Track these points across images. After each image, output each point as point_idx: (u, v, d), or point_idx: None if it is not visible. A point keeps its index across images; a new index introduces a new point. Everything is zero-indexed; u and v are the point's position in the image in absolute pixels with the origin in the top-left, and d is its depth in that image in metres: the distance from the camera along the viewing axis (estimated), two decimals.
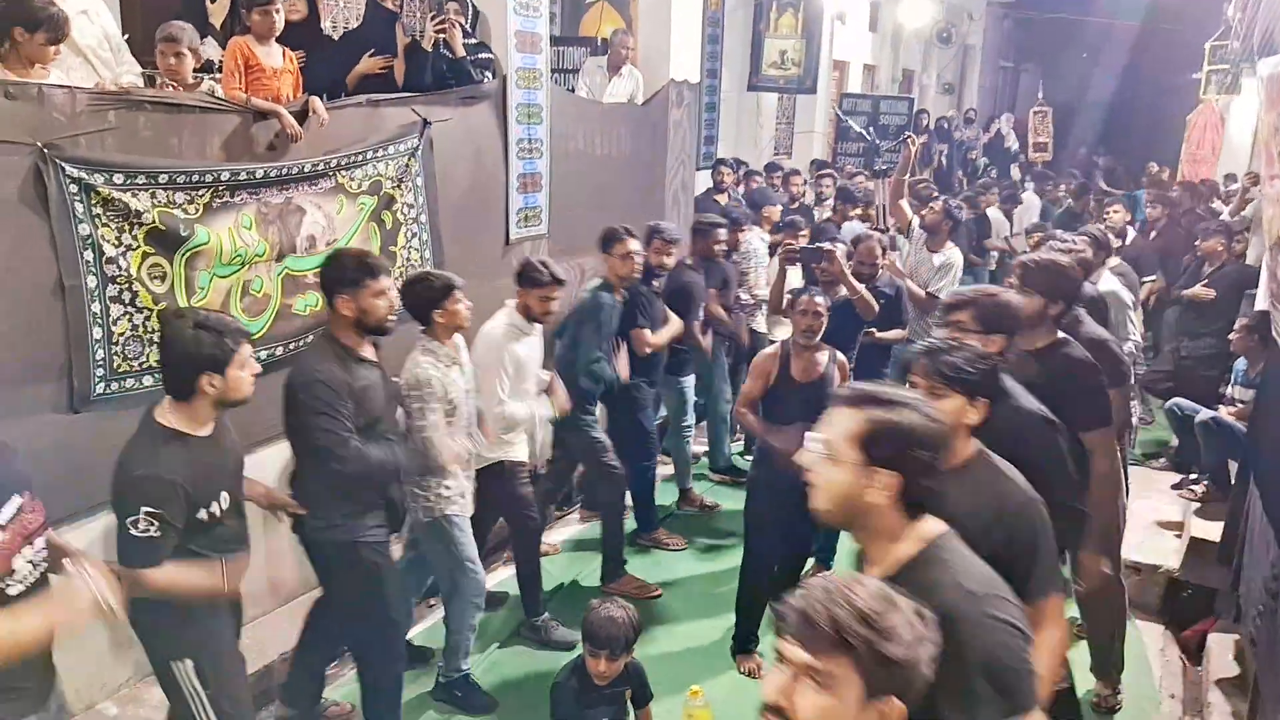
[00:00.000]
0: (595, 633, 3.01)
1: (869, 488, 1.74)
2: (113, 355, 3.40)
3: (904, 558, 1.77)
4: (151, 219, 3.42)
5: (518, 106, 5.32)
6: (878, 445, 1.73)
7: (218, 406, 2.67)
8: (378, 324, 3.20)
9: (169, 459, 2.56)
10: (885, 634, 1.36)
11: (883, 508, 1.75)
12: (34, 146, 3.08)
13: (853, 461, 1.74)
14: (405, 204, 4.62)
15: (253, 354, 2.72)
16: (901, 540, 1.78)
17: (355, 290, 3.14)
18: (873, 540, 1.80)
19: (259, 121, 3.86)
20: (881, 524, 1.77)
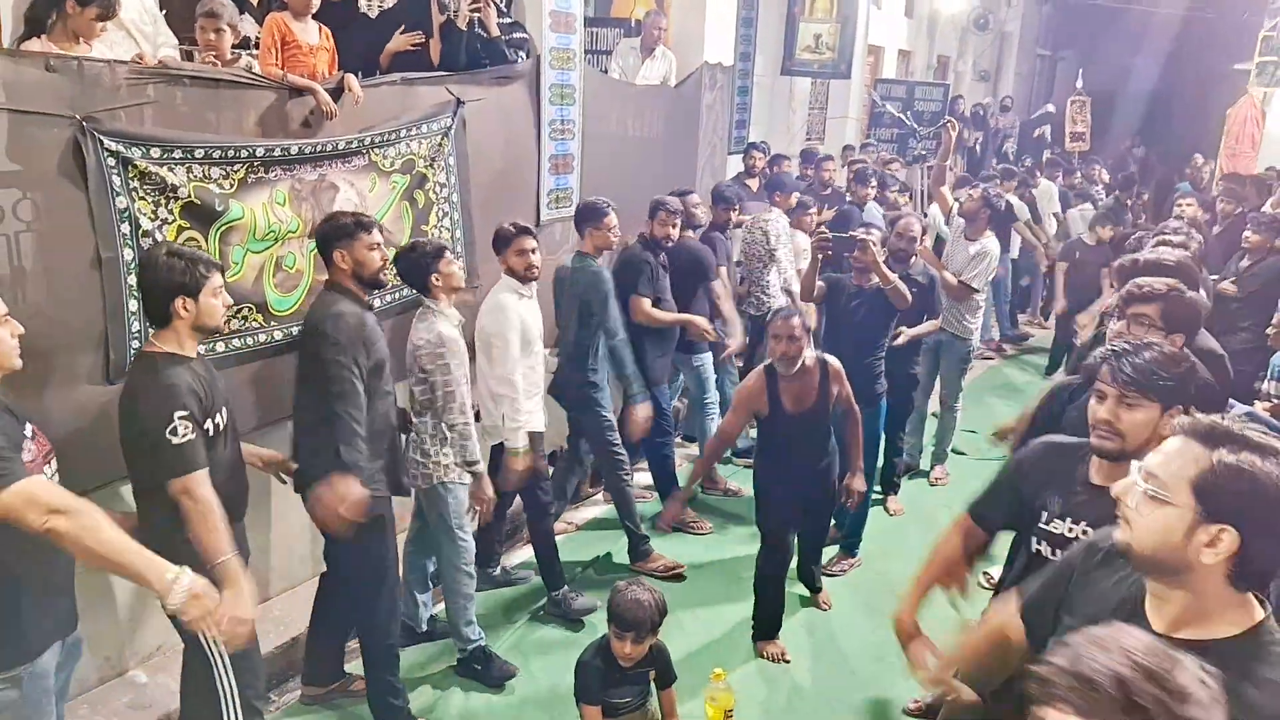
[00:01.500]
0: (622, 615, 3.02)
1: (1199, 543, 1.47)
2: (147, 328, 3.43)
3: (1218, 635, 1.50)
4: (187, 193, 3.45)
5: (551, 87, 5.31)
6: (1221, 494, 1.46)
7: (194, 332, 2.81)
8: (373, 275, 3.34)
9: (174, 372, 2.72)
10: (1179, 696, 1.16)
11: (1209, 570, 1.49)
12: (73, 119, 3.11)
13: (1186, 508, 1.48)
14: (437, 183, 4.63)
15: (222, 284, 2.83)
16: (1219, 612, 1.51)
17: (350, 243, 3.29)
18: (1180, 602, 1.54)
19: (294, 98, 3.87)
20: (1201, 588, 1.51)
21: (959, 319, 5.90)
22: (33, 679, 2.36)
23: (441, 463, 3.72)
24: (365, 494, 3.20)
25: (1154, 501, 1.51)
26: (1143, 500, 1.53)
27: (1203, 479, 1.47)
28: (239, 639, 2.56)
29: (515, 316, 4.01)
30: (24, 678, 2.34)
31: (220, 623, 2.45)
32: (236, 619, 2.52)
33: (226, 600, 2.55)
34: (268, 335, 3.86)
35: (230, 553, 2.65)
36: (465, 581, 3.88)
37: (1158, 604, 1.58)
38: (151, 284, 2.77)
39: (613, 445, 4.74)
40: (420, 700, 3.80)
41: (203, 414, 2.73)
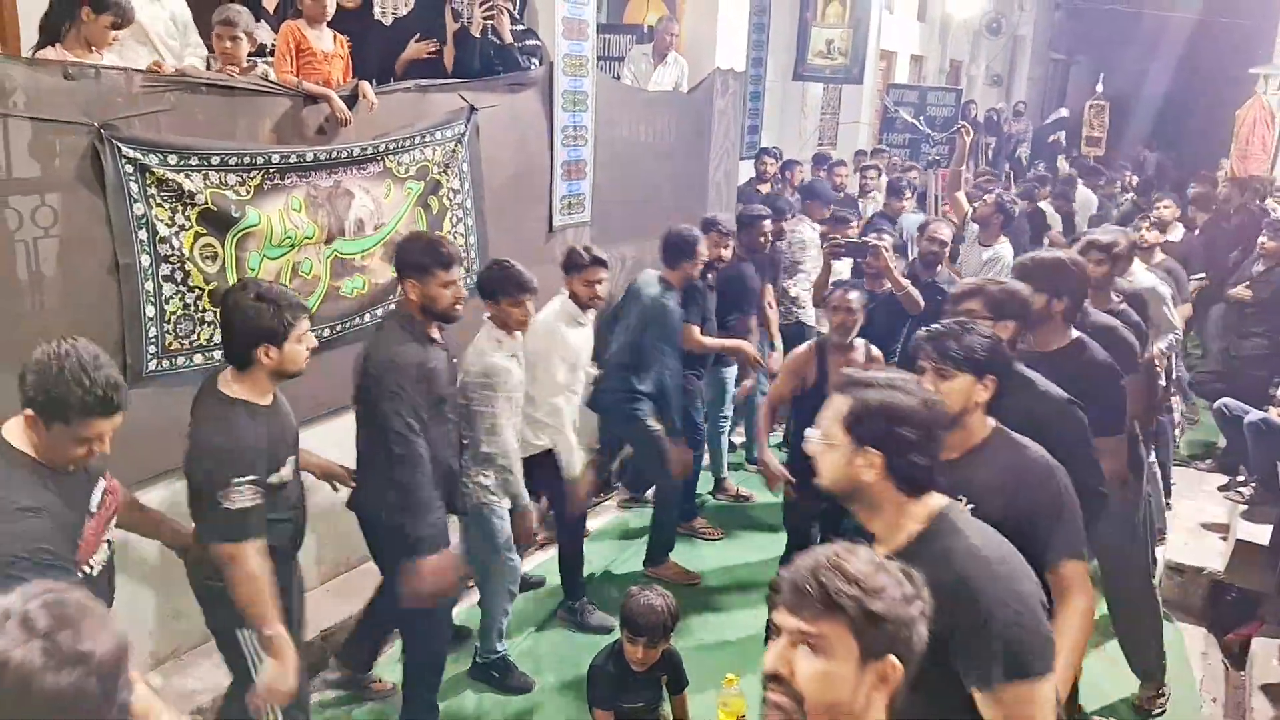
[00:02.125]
0: (635, 620, 3.03)
1: (859, 466, 1.83)
2: (165, 333, 3.46)
3: (912, 534, 1.84)
4: (204, 200, 3.47)
5: (563, 93, 5.33)
6: (861, 425, 1.83)
7: (274, 378, 2.72)
8: (442, 313, 3.21)
9: (246, 426, 2.62)
10: (873, 592, 1.38)
11: (875, 485, 1.83)
12: (91, 126, 3.14)
13: (843, 443, 1.85)
14: (451, 189, 4.65)
15: (310, 329, 2.77)
16: (905, 518, 1.85)
17: (422, 277, 3.16)
18: (876, 518, 1.88)
19: (310, 105, 3.90)
20: (879, 501, 1.85)
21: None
22: None
23: (483, 484, 3.65)
24: (451, 559, 3.19)
25: (827, 446, 1.87)
26: (820, 448, 1.89)
27: (848, 417, 1.85)
28: (280, 702, 2.64)
29: (562, 342, 3.99)
30: None
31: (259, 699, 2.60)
32: (276, 691, 2.61)
33: (269, 673, 2.62)
34: None
35: (276, 627, 2.61)
36: (507, 599, 3.89)
37: (875, 535, 1.89)
38: (236, 329, 2.67)
39: (664, 457, 4.62)
40: None
41: (268, 470, 2.66)
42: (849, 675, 1.38)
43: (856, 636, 1.37)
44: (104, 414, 2.15)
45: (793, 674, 1.39)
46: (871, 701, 1.40)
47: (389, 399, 3.08)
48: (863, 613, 1.37)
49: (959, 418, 2.26)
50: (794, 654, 1.40)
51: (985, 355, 2.35)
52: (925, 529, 1.83)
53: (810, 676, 1.38)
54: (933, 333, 2.45)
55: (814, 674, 1.38)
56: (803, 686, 1.38)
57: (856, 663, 1.38)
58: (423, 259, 3.16)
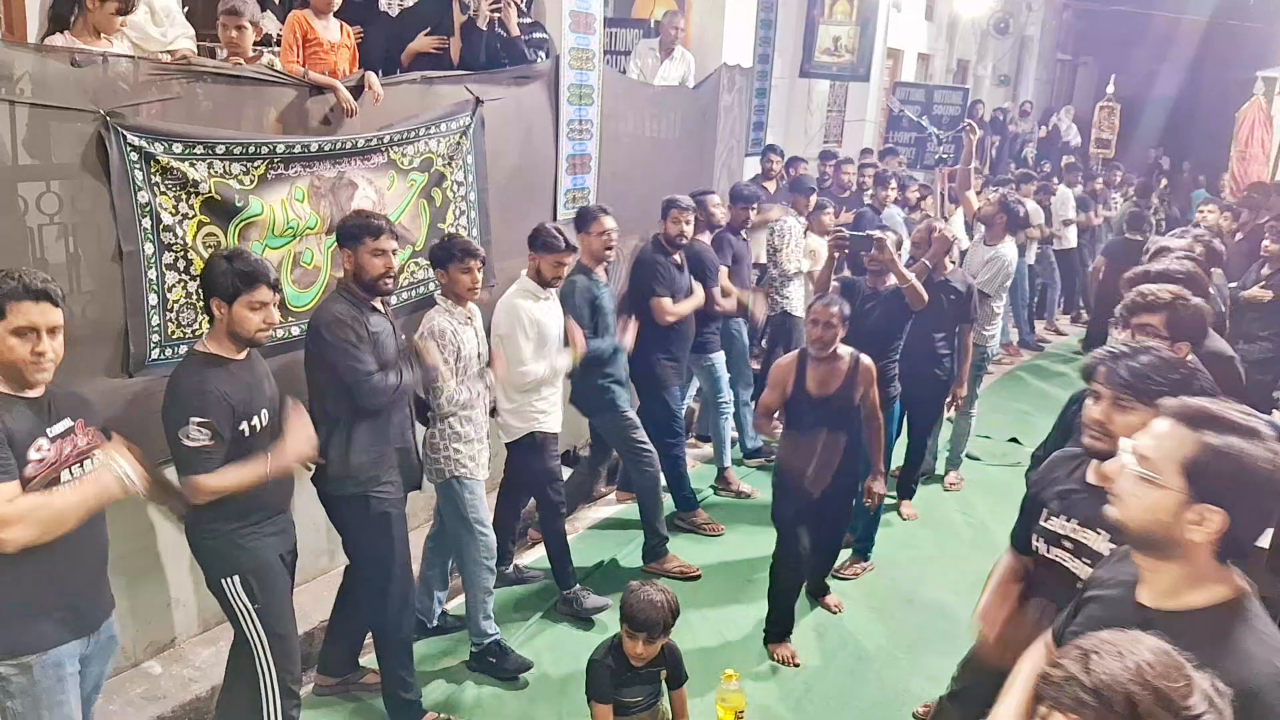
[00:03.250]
0: (634, 615, 3.02)
1: (1188, 521, 1.54)
2: (167, 321, 3.46)
3: (1197, 604, 1.58)
4: (208, 189, 3.47)
5: (570, 87, 5.32)
6: (1209, 476, 1.52)
7: (234, 339, 2.84)
8: (371, 281, 3.30)
9: (211, 375, 2.79)
10: (1183, 714, 1.18)
11: (1196, 546, 1.55)
12: (97, 114, 3.14)
13: (1176, 489, 1.55)
14: (455, 181, 4.65)
15: (271, 301, 2.84)
16: (1200, 583, 1.58)
17: (354, 246, 3.28)
18: (1165, 569, 1.61)
19: (315, 95, 3.90)
20: (1189, 563, 1.58)
21: (981, 324, 5.86)
22: (44, 668, 2.39)
23: (454, 457, 3.74)
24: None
25: (1144, 482, 1.57)
26: (1133, 481, 1.59)
27: (1191, 461, 1.53)
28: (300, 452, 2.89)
29: (524, 317, 4.04)
30: (34, 666, 2.37)
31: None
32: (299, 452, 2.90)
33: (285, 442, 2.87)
34: (285, 331, 3.88)
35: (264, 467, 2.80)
36: (485, 575, 3.90)
37: (1148, 578, 1.63)
38: (201, 282, 2.91)
39: (638, 443, 4.71)
40: (433, 694, 3.82)
41: (235, 418, 2.80)
42: None
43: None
44: (29, 297, 2.29)
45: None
46: None
47: (340, 350, 3.19)
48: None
49: None
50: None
51: (1173, 388, 2.06)
52: (1216, 606, 1.57)
53: None
54: (1114, 353, 2.20)
55: None
56: None
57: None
58: (351, 229, 3.29)
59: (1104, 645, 1.24)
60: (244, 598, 2.90)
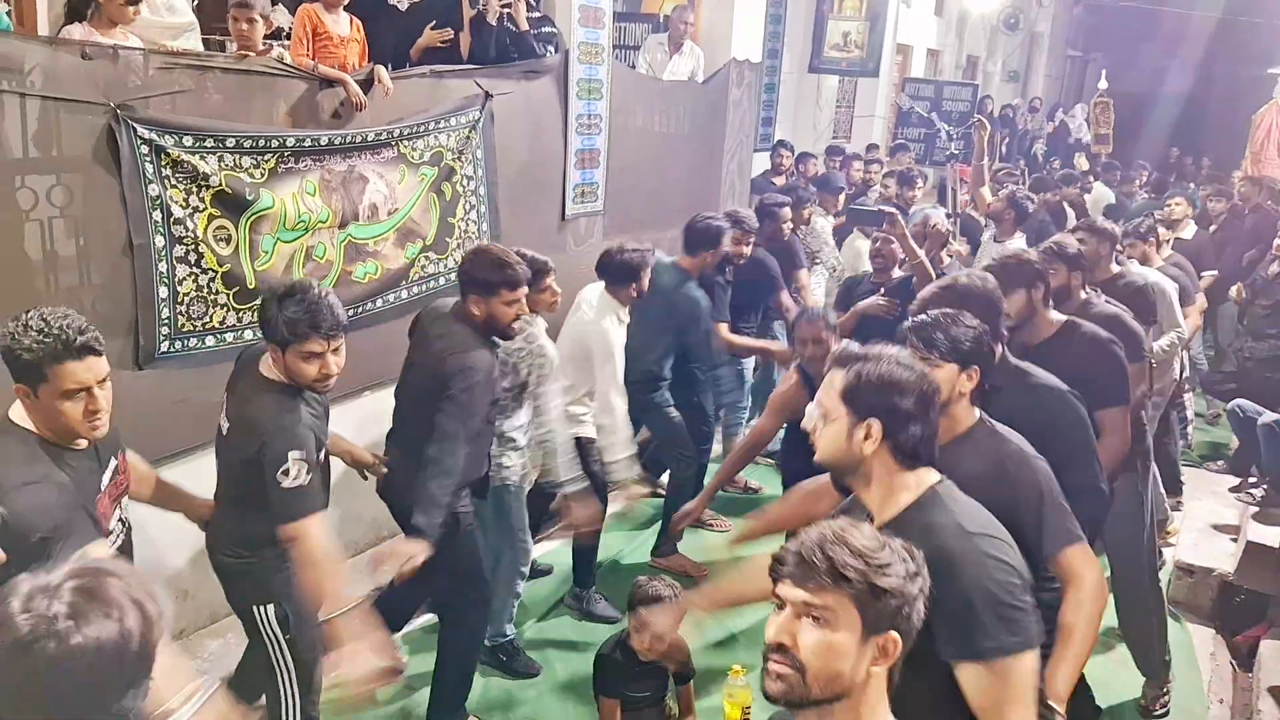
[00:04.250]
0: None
1: (858, 438, 1.85)
2: (178, 315, 3.47)
3: (903, 504, 1.86)
4: (218, 182, 3.48)
5: (579, 81, 5.32)
6: (860, 396, 1.86)
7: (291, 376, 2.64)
8: (503, 330, 3.19)
9: (293, 405, 2.61)
10: (878, 568, 1.42)
11: (875, 456, 1.86)
12: (108, 107, 3.15)
13: (842, 416, 1.87)
14: (465, 176, 4.65)
15: (328, 350, 2.60)
16: (899, 490, 1.87)
17: (488, 296, 3.12)
18: (872, 491, 1.89)
19: (325, 89, 3.90)
20: (877, 472, 1.87)
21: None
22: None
23: (503, 465, 3.67)
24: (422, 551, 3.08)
25: (826, 421, 1.90)
26: (819, 423, 1.92)
27: (846, 390, 1.88)
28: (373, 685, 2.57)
29: (617, 347, 4.01)
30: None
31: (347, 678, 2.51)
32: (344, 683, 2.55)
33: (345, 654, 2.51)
34: None
35: (343, 607, 2.53)
36: (518, 582, 3.90)
37: (870, 509, 1.91)
38: (259, 318, 2.68)
39: (687, 444, 4.67)
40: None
41: (317, 450, 2.65)
42: (851, 648, 1.42)
43: (860, 610, 1.41)
44: (73, 356, 2.09)
45: (796, 645, 1.43)
46: (871, 674, 1.45)
47: (455, 404, 3.04)
48: (868, 587, 1.41)
49: (944, 407, 2.24)
50: (798, 625, 1.44)
51: (970, 345, 2.37)
52: (915, 501, 1.86)
53: (813, 648, 1.42)
54: (917, 323, 2.46)
55: (817, 645, 1.42)
56: (805, 657, 1.42)
57: (859, 636, 1.42)
58: (488, 282, 3.12)
59: (815, 526, 1.49)
60: (275, 627, 2.76)
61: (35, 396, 2.12)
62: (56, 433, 2.18)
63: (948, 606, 1.69)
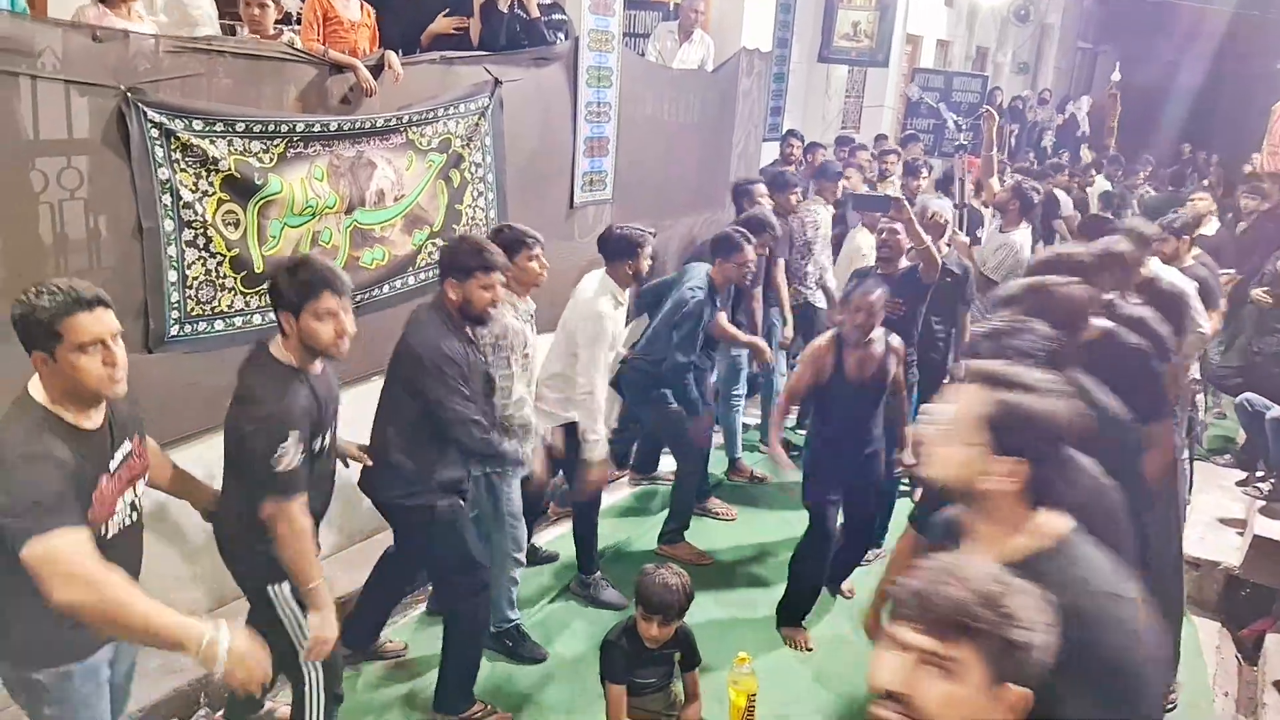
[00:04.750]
0: (650, 597, 3.03)
1: (993, 474, 1.67)
2: (187, 298, 3.47)
3: (1028, 549, 1.68)
4: (228, 166, 3.48)
5: (588, 69, 5.30)
6: (1008, 431, 1.66)
7: (305, 350, 2.68)
8: (478, 315, 3.24)
9: (294, 389, 2.64)
10: (1012, 619, 1.31)
11: (1005, 496, 1.68)
12: (118, 90, 3.15)
13: (978, 445, 1.67)
14: (473, 163, 4.64)
15: (341, 308, 2.67)
16: (1025, 532, 1.70)
17: (464, 279, 3.19)
18: (988, 525, 1.73)
19: (335, 74, 3.89)
20: (1000, 509, 1.70)
21: (983, 313, 5.80)
22: (85, 674, 2.33)
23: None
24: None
25: (955, 442, 1.70)
26: (943, 439, 1.73)
27: (993, 419, 1.67)
28: (323, 654, 2.71)
29: (609, 328, 4.01)
30: (75, 672, 2.31)
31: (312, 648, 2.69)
32: (322, 639, 2.69)
33: (313, 622, 2.70)
34: None
35: (319, 578, 2.67)
36: (514, 566, 3.91)
37: (974, 537, 1.75)
38: (268, 293, 2.76)
39: (687, 435, 4.69)
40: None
41: (312, 435, 2.69)
42: (975, 701, 1.31)
43: (989, 663, 1.30)
44: (84, 308, 2.11)
45: (914, 694, 1.32)
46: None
47: (449, 392, 3.13)
48: (998, 639, 1.30)
49: None
50: (918, 675, 1.32)
51: (1046, 356, 2.26)
52: (1044, 550, 1.68)
53: (937, 701, 1.31)
54: (991, 331, 2.36)
55: (941, 698, 1.31)
56: (927, 710, 1.32)
57: (985, 690, 1.31)
58: (465, 264, 3.19)
59: (935, 563, 1.38)
60: (292, 604, 2.78)
61: (54, 360, 2.12)
62: (77, 398, 2.17)
63: (1081, 670, 1.54)
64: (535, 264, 3.65)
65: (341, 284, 2.68)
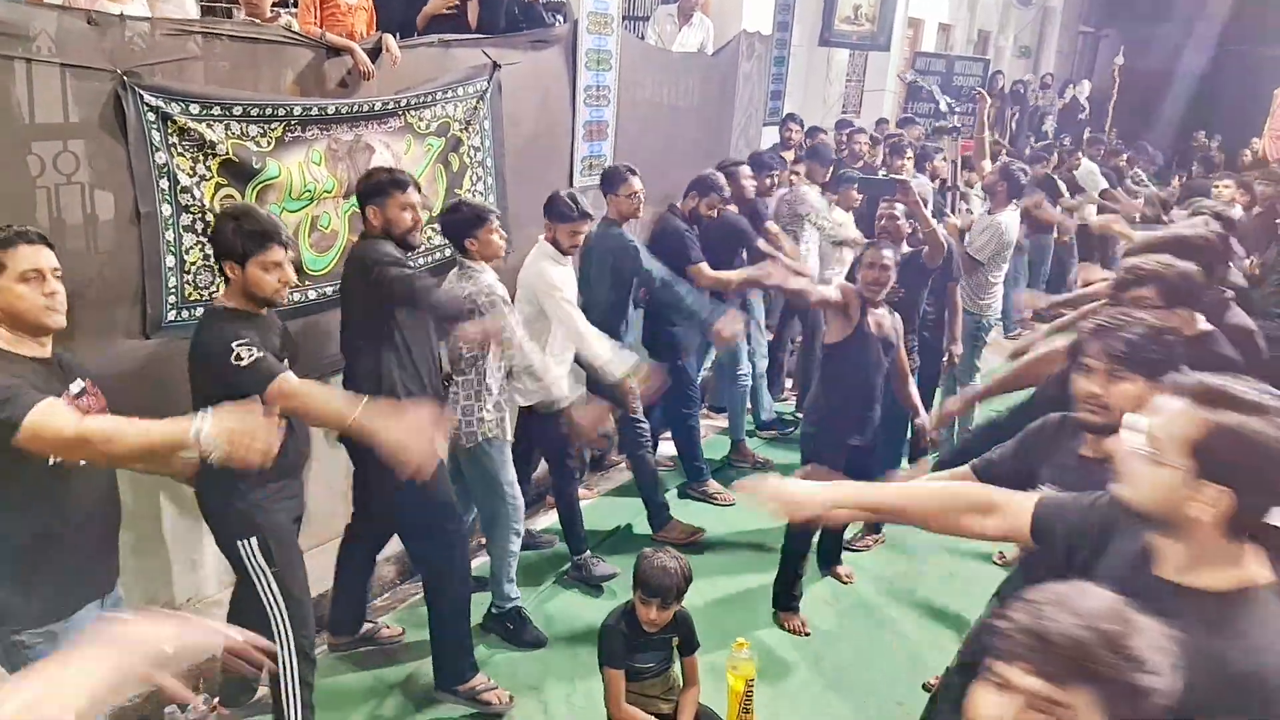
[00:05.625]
0: (648, 581, 3.03)
1: (1195, 501, 1.53)
2: (184, 284, 3.46)
3: (1214, 585, 1.56)
4: (225, 150, 3.46)
5: (587, 52, 5.28)
6: (1216, 457, 1.50)
7: (250, 299, 2.80)
8: (402, 234, 3.35)
9: (231, 321, 2.77)
10: (1133, 661, 1.20)
11: (1205, 525, 1.54)
12: (114, 73, 3.13)
13: (1182, 468, 1.53)
14: (472, 146, 4.62)
15: (288, 259, 2.80)
16: (1218, 564, 1.56)
17: (383, 200, 3.31)
18: (1181, 548, 1.59)
19: (332, 58, 3.87)
20: (1197, 540, 1.57)
21: (970, 294, 5.77)
22: (67, 634, 2.38)
23: (485, 419, 3.72)
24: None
25: (1150, 461, 1.56)
26: (1140, 460, 1.58)
27: (1198, 441, 1.51)
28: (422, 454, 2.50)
29: (557, 278, 4.02)
30: (58, 633, 2.37)
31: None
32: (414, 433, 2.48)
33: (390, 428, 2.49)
34: (302, 294, 3.87)
35: (356, 410, 2.57)
36: (513, 539, 3.91)
37: (1163, 553, 1.62)
38: (210, 241, 2.88)
39: (634, 416, 4.69)
40: None
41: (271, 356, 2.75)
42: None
43: (1106, 708, 1.20)
44: (26, 240, 2.31)
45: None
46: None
47: (388, 267, 3.22)
48: (1123, 685, 1.19)
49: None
50: (1028, 717, 1.22)
51: (1163, 356, 2.10)
52: (1232, 592, 1.54)
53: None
54: (1101, 326, 2.20)
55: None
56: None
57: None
58: (380, 184, 3.33)
59: (1049, 594, 1.26)
60: (261, 560, 2.88)
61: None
62: (18, 326, 2.32)
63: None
64: (496, 236, 3.70)
65: (287, 236, 2.83)
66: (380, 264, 3.23)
